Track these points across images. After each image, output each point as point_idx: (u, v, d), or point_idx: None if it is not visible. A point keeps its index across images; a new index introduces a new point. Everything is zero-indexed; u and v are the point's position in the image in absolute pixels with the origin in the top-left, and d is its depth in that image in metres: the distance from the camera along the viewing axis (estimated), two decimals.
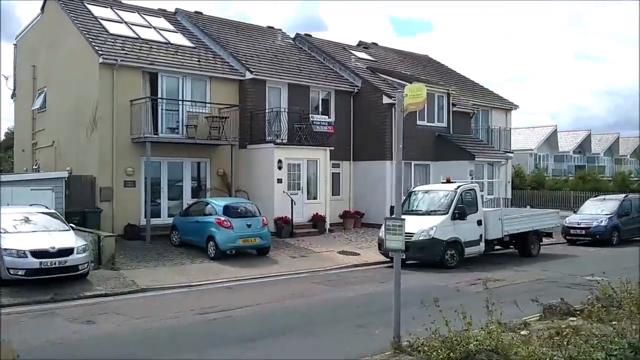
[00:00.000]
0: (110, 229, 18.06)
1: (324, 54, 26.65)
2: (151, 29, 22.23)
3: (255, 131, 21.22)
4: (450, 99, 25.99)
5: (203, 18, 25.61)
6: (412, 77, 26.22)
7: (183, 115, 20.08)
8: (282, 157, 20.49)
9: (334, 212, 22.67)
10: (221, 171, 20.94)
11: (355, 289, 13.05)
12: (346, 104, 24.31)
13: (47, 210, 14.43)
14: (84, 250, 12.88)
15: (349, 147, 24.01)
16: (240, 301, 11.83)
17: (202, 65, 20.93)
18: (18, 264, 11.95)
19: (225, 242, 16.07)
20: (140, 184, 19.10)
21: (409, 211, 17.50)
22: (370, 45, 31.72)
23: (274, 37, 26.94)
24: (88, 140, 19.32)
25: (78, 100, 20.03)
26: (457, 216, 16.40)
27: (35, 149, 24.04)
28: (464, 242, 16.44)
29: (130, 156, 19.06)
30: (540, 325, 8.38)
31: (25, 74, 25.13)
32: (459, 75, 33.37)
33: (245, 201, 18.30)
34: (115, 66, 18.58)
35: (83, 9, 21.55)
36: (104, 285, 12.92)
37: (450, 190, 17.13)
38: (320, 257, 17.52)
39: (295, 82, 22.75)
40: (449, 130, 25.87)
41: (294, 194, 20.74)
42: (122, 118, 18.81)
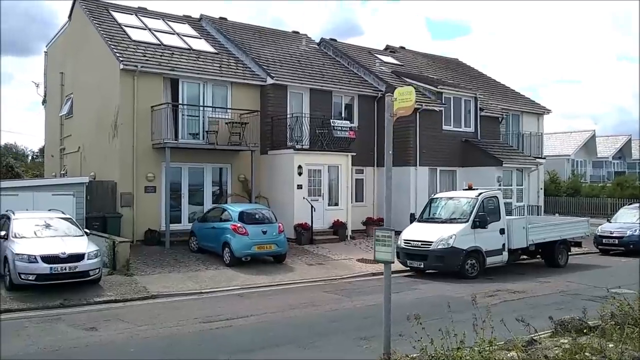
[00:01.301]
0: (130, 234, 18.20)
1: (348, 59, 26.40)
2: (174, 35, 22.37)
3: (277, 137, 21.11)
4: (477, 103, 25.44)
5: (227, 24, 25.68)
6: (437, 81, 25.75)
7: (204, 120, 20.08)
8: (303, 162, 20.30)
9: (357, 218, 22.37)
10: (242, 177, 20.87)
11: (366, 299, 12.70)
12: (370, 109, 23.99)
13: (62, 215, 14.55)
14: (95, 256, 12.89)
15: (372, 152, 23.65)
16: (246, 309, 11.64)
17: (223, 71, 20.93)
18: (29, 269, 12.04)
19: (240, 249, 15.94)
20: (161, 190, 19.15)
21: (429, 219, 17.14)
22: (397, 49, 31.32)
23: (299, 42, 26.84)
24: (110, 146, 19.51)
25: (101, 107, 20.27)
26: (478, 224, 15.90)
27: (63, 154, 24.48)
28: (486, 252, 15.91)
29: (150, 162, 19.15)
30: (548, 343, 7.90)
31: (54, 81, 25.66)
32: (489, 79, 32.67)
33: (261, 207, 18.15)
34: (136, 72, 18.71)
35: (108, 16, 21.85)
36: (114, 291, 12.92)
37: (471, 197, 16.62)
38: (337, 264, 17.23)
39: (317, 87, 22.55)
40: (477, 135, 25.30)
41: (315, 200, 20.50)
42: (143, 124, 18.92)
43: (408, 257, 16.16)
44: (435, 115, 23.93)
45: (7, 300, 11.73)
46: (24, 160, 55.13)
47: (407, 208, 22.32)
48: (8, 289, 12.33)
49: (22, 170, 41.58)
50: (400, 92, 6.90)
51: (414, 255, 16.05)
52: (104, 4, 23.00)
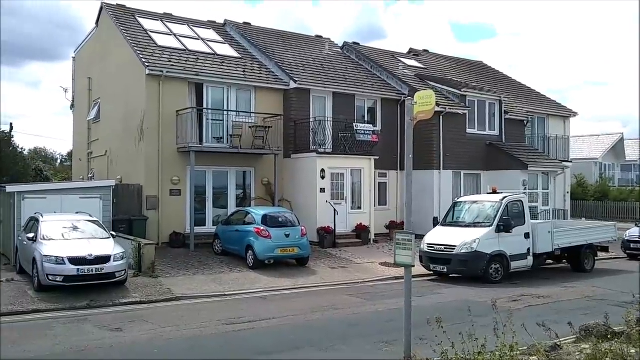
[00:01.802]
0: (156, 237, 18.47)
1: (371, 62, 26.42)
2: (199, 41, 22.66)
3: (300, 140, 21.22)
4: (502, 106, 25.24)
5: (251, 29, 25.92)
6: (461, 84, 25.61)
7: (228, 124, 20.28)
8: (325, 166, 20.36)
9: (380, 222, 22.34)
10: (265, 180, 21.03)
11: (388, 302, 12.69)
12: (393, 112, 23.96)
13: (89, 218, 14.81)
14: (121, 258, 13.09)
15: (395, 156, 23.60)
16: (269, 312, 11.71)
17: (247, 76, 21.12)
18: (56, 271, 12.28)
19: (263, 252, 16.05)
20: (186, 193, 19.38)
21: (452, 223, 17.06)
22: (421, 52, 31.24)
23: (322, 46, 26.96)
24: (136, 150, 19.82)
25: (127, 111, 20.62)
26: (502, 228, 15.77)
27: (91, 158, 24.92)
28: (510, 256, 15.78)
29: (176, 165, 19.40)
30: (572, 348, 7.81)
31: (81, 86, 26.16)
32: (513, 81, 32.38)
33: (284, 210, 18.24)
34: (161, 77, 18.99)
35: (134, 22, 22.23)
36: (140, 292, 13.11)
37: (495, 201, 16.50)
38: (360, 268, 17.23)
39: (340, 90, 22.62)
40: (501, 138, 25.10)
41: (338, 204, 20.54)
42: (169, 128, 19.19)
43: (431, 261, 16.10)
44: (459, 119, 23.80)
45: (35, 300, 11.99)
46: (53, 163, 56.20)
47: (430, 212, 22.20)
48: (36, 289, 12.60)
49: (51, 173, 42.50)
50: (420, 96, 6.92)
51: (437, 259, 15.98)
52: (131, 10, 23.42)
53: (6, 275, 14.39)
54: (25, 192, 16.23)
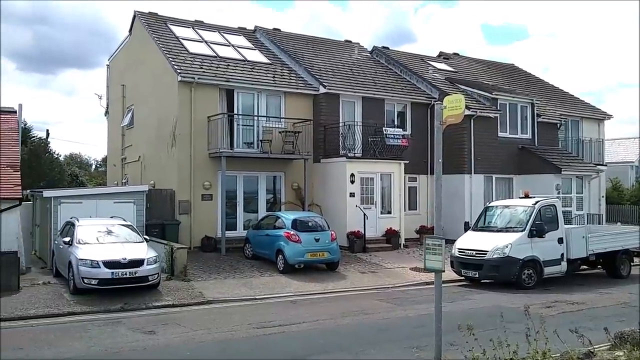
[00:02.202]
0: (188, 241, 18.71)
1: (401, 66, 26.34)
2: (229, 47, 22.93)
3: (329, 145, 21.28)
4: (534, 109, 24.92)
5: (281, 34, 26.12)
6: (493, 87, 25.36)
7: (258, 130, 20.47)
8: (355, 170, 20.36)
9: (410, 227, 22.24)
10: (295, 185, 21.13)
11: (419, 308, 12.62)
12: (423, 116, 23.83)
13: (123, 222, 15.11)
14: (154, 262, 13.32)
15: (426, 160, 23.45)
16: (299, 316, 11.77)
17: (276, 81, 21.29)
18: (92, 274, 12.56)
19: (293, 256, 16.13)
20: (217, 198, 19.58)
21: (484, 227, 16.89)
22: (451, 55, 31.03)
23: (351, 50, 27.01)
24: (168, 155, 20.13)
25: (160, 117, 20.97)
26: (535, 233, 15.56)
27: (125, 163, 25.39)
28: (543, 261, 15.55)
29: (207, 170, 19.64)
30: (606, 355, 7.67)
31: (115, 93, 26.70)
32: (546, 84, 31.91)
33: (314, 215, 18.30)
34: (193, 84, 19.27)
35: (166, 29, 22.62)
36: (172, 296, 13.31)
37: (528, 205, 16.29)
38: (390, 273, 17.18)
39: (369, 95, 22.61)
40: (534, 141, 24.76)
41: (367, 208, 20.52)
42: (200, 134, 19.45)
43: (463, 267, 15.97)
44: (491, 122, 23.56)
45: (70, 303, 12.28)
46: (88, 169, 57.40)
47: (461, 216, 22.08)
48: (72, 292, 12.89)
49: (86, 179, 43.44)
50: (449, 100, 6.90)
51: (468, 264, 15.84)
52: (163, 18, 23.83)
53: (43, 279, 14.76)
54: (61, 197, 16.63)
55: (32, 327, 10.82)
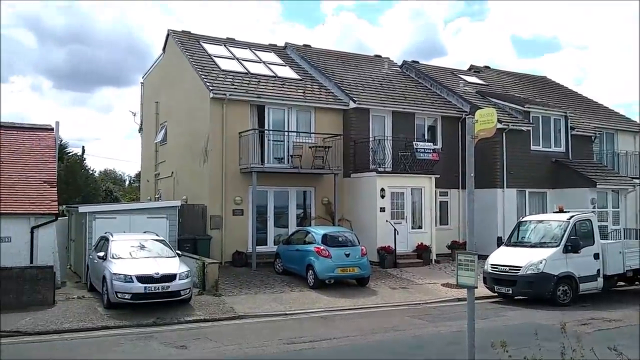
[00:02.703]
0: (219, 255, 18.85)
1: (431, 80, 26.26)
2: (260, 64, 23.20)
3: (359, 160, 21.27)
4: (568, 121, 24.51)
5: (311, 50, 26.34)
6: (525, 100, 25.08)
7: (288, 145, 20.61)
8: (385, 185, 20.29)
9: (441, 242, 22.00)
10: (325, 200, 21.15)
11: (451, 324, 12.44)
12: (454, 130, 23.68)
13: (156, 237, 15.32)
14: (186, 276, 13.45)
15: (457, 174, 23.25)
16: (330, 332, 11.72)
17: (307, 97, 21.44)
18: (125, 288, 12.74)
19: (323, 271, 16.10)
20: (248, 212, 19.72)
21: (517, 243, 16.63)
22: (482, 69, 30.82)
23: (381, 65, 27.05)
24: (200, 171, 20.39)
25: (192, 133, 21.28)
26: (570, 249, 15.24)
27: (158, 179, 25.79)
28: (579, 278, 15.19)
29: (238, 185, 19.82)
30: None
31: (149, 110, 27.22)
32: (579, 96, 31.43)
33: (344, 230, 18.26)
34: (225, 100, 19.53)
35: (199, 47, 23.02)
36: (204, 310, 13.40)
37: (562, 220, 15.98)
38: (421, 289, 17.00)
39: (399, 109, 22.58)
40: (568, 155, 24.34)
41: (398, 223, 20.39)
42: (231, 149, 19.67)
43: (496, 283, 15.71)
44: (523, 135, 23.27)
45: (104, 317, 12.46)
46: (122, 185, 58.43)
47: (494, 231, 21.78)
48: (105, 306, 13.08)
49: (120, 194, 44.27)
50: (481, 114, 6.85)
51: (502, 280, 15.57)
52: (195, 36, 24.29)
53: (77, 293, 15.04)
54: (96, 212, 16.96)
55: (67, 341, 11.00)
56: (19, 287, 13.33)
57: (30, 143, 17.96)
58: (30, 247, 15.09)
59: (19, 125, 19.10)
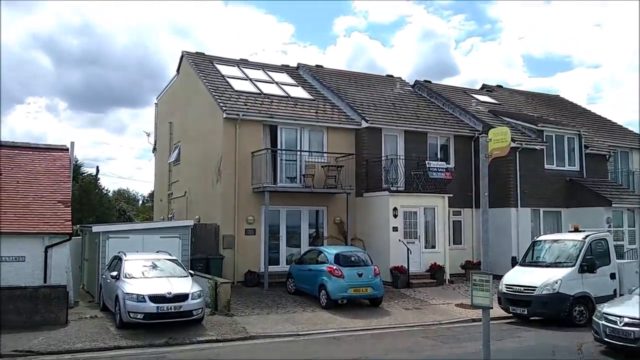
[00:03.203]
0: (231, 275, 18.83)
1: (443, 99, 26.29)
2: (273, 84, 23.39)
3: (372, 179, 21.25)
4: (582, 140, 24.37)
5: (323, 71, 26.51)
6: (538, 119, 25.00)
7: (301, 164, 20.65)
8: (398, 204, 20.22)
9: (455, 261, 21.83)
10: (338, 219, 21.10)
11: (466, 346, 12.28)
12: (467, 149, 23.62)
13: (169, 257, 15.35)
14: (198, 296, 13.41)
15: (470, 193, 23.13)
16: (342, 353, 11.62)
17: (319, 117, 21.52)
18: (138, 308, 12.73)
19: (336, 291, 16.00)
20: (260, 232, 19.71)
21: (532, 262, 16.46)
22: (494, 88, 30.82)
23: (393, 85, 27.15)
24: (213, 190, 20.46)
25: (205, 153, 21.41)
26: (586, 269, 15.05)
27: (171, 199, 25.90)
28: (595, 298, 14.95)
29: (251, 205, 19.84)
30: None
31: (163, 131, 27.45)
32: (593, 115, 31.27)
33: (357, 250, 18.19)
34: (238, 120, 19.65)
35: (212, 68, 23.27)
36: (216, 330, 13.33)
37: (577, 239, 15.82)
38: (435, 309, 16.82)
39: (411, 128, 22.59)
40: (582, 174, 24.15)
41: (411, 243, 20.27)
42: (244, 169, 19.73)
43: (510, 303, 15.50)
44: (537, 154, 23.15)
45: (116, 337, 12.43)
46: (135, 204, 58.77)
47: (508, 251, 21.62)
48: (118, 326, 13.07)
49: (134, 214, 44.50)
50: (494, 133, 6.83)
51: (516, 300, 15.37)
52: (209, 57, 24.57)
53: (90, 312, 15.05)
54: (109, 232, 17.06)
55: None
56: (32, 307, 13.38)
57: (45, 163, 18.16)
58: (44, 266, 15.16)
59: (34, 145, 19.34)
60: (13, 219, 15.28)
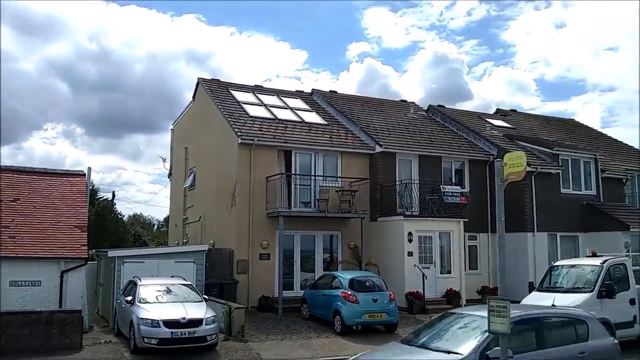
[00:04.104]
0: (245, 300, 18.76)
1: (457, 124, 26.31)
2: (287, 110, 23.59)
3: (386, 203, 21.20)
4: (598, 164, 24.20)
5: (337, 96, 26.72)
6: (553, 143, 24.89)
7: (315, 189, 20.70)
8: (413, 229, 20.13)
9: (471, 287, 21.57)
10: (352, 244, 21.04)
11: None
12: (482, 173, 23.53)
13: (183, 282, 15.34)
14: (212, 322, 13.36)
15: (486, 218, 22.98)
16: None
17: (333, 141, 21.62)
18: (152, 333, 12.69)
19: (350, 317, 15.87)
20: (275, 257, 19.69)
21: (549, 288, 16.15)
22: (508, 112, 30.80)
23: (407, 110, 27.25)
24: (228, 215, 20.53)
25: (220, 178, 21.55)
26: (604, 294, 14.74)
27: (186, 223, 26.01)
28: (614, 324, 14.65)
29: (265, 229, 19.86)
30: None
31: (179, 156, 27.72)
32: (609, 138, 31.09)
33: (371, 275, 18.07)
34: (253, 146, 19.80)
35: (227, 94, 23.55)
36: (229, 356, 13.22)
37: (595, 264, 15.55)
38: None
39: (425, 153, 22.60)
40: (599, 198, 23.94)
41: (426, 268, 20.11)
42: (258, 193, 19.81)
43: None
44: (553, 178, 23.01)
45: None
46: (150, 229, 59.05)
47: (525, 276, 21.34)
48: (132, 352, 13.03)
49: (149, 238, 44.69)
50: (510, 157, 6.82)
51: None
52: (224, 84, 24.89)
53: (104, 337, 15.04)
54: (124, 256, 17.13)
55: None
56: (47, 331, 13.41)
57: (62, 188, 18.36)
58: (59, 291, 15.24)
59: (52, 171, 19.58)
60: (30, 243, 15.43)
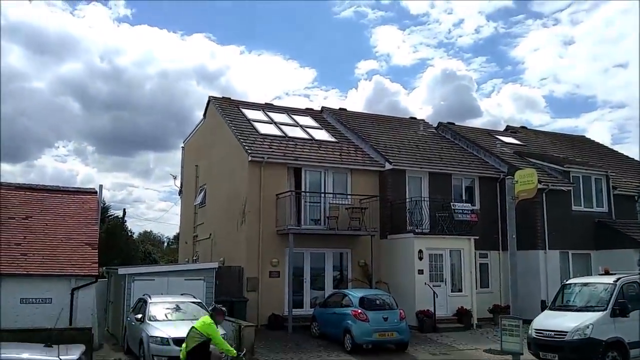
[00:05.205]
0: (255, 318, 18.68)
1: (467, 141, 26.28)
2: (297, 127, 23.69)
3: (396, 221, 21.14)
4: (609, 181, 24.05)
5: (347, 114, 26.81)
6: (564, 160, 24.79)
7: (325, 206, 20.68)
8: (423, 247, 20.03)
9: (482, 305, 21.38)
10: (362, 262, 20.95)
11: None
12: (492, 191, 23.44)
13: (193, 299, 15.33)
14: None
15: (496, 235, 22.84)
16: None
17: (343, 159, 21.65)
18: (162, 351, 12.68)
19: (361, 336, 15.75)
20: (284, 274, 19.62)
21: (562, 306, 15.96)
22: (518, 129, 30.75)
23: (416, 127, 27.27)
24: (238, 233, 20.53)
25: (230, 196, 21.60)
26: (618, 312, 14.51)
27: (196, 241, 26.05)
28: (628, 343, 14.44)
29: (275, 247, 19.84)
30: None
31: (189, 173, 27.86)
32: (620, 155, 30.88)
33: (382, 293, 17.95)
34: (263, 163, 19.87)
35: (238, 112, 23.69)
36: None
37: (608, 282, 15.33)
38: (463, 355, 16.40)
39: (435, 170, 22.56)
40: (611, 215, 23.76)
41: (437, 286, 19.96)
42: (268, 211, 19.82)
43: (540, 349, 14.98)
44: (564, 196, 22.87)
45: None
46: (161, 247, 59.10)
47: (537, 295, 21.11)
48: None
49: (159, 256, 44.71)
50: (521, 175, 6.81)
51: (547, 346, 14.83)
52: (235, 102, 25.08)
53: (114, 355, 15.03)
54: (135, 274, 17.14)
55: None
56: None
57: (74, 206, 18.49)
58: (70, 308, 15.26)
59: (63, 188, 19.74)
60: (41, 261, 15.52)
